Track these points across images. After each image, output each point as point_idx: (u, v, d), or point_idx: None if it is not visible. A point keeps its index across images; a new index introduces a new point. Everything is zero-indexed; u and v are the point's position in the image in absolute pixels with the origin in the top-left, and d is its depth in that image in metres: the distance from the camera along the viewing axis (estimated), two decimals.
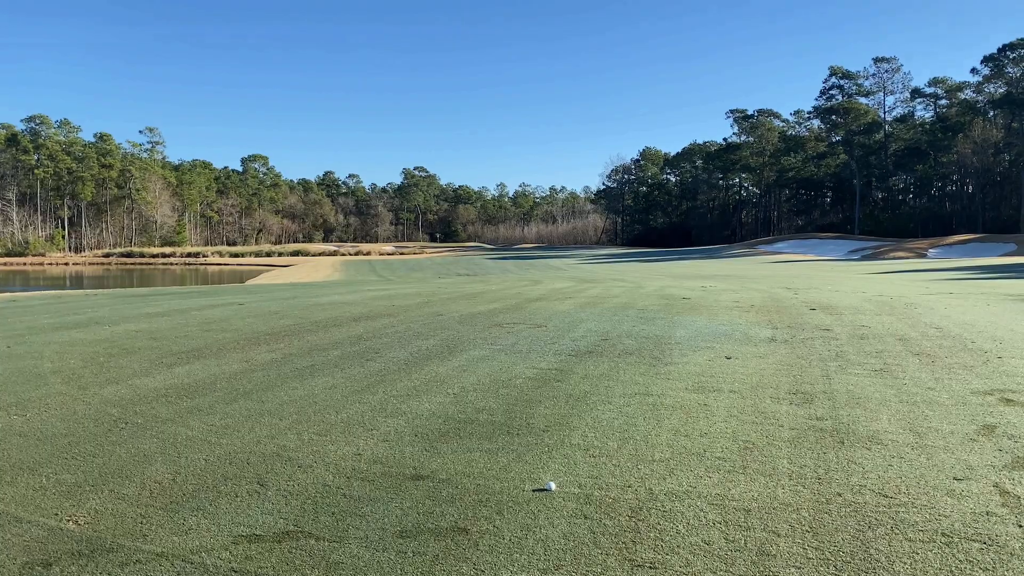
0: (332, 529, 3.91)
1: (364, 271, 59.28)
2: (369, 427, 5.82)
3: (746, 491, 4.40)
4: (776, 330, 11.13)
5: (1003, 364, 8.24)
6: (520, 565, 3.48)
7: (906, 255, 63.44)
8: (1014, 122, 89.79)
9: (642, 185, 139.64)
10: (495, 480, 4.62)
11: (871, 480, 4.56)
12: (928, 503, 4.20)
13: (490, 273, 44.92)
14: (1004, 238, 70.62)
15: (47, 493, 4.46)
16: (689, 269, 46.51)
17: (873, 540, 3.72)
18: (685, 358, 8.75)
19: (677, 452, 5.14)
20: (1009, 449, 5.18)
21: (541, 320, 12.56)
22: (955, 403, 6.47)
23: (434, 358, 8.80)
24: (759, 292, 19.13)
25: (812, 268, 45.83)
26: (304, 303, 16.10)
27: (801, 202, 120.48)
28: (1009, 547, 3.63)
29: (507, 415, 6.15)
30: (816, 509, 4.12)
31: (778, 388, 7.09)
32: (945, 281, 26.31)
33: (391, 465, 4.91)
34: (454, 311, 14.21)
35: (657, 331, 11.09)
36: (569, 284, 24.34)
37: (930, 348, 9.35)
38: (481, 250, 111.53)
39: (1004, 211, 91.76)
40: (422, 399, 6.72)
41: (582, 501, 4.26)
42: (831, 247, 76.85)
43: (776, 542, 3.70)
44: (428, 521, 4.00)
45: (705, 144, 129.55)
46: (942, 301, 16.02)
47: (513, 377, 7.66)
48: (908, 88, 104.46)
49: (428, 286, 23.99)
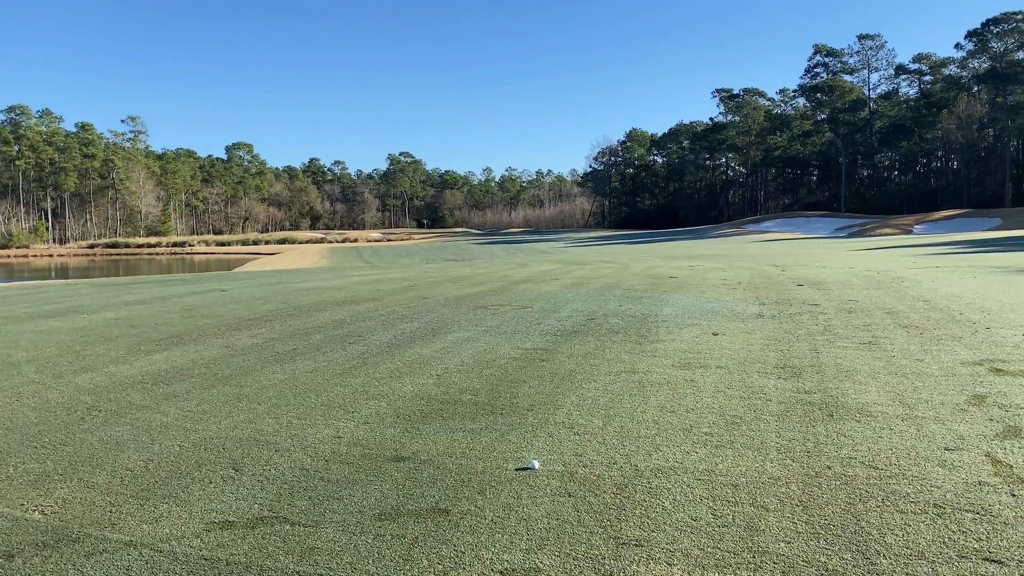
0: (308, 513, 3.78)
1: (351, 258, 58.97)
2: (350, 410, 5.69)
3: (734, 466, 4.30)
4: (764, 306, 11.05)
5: (991, 334, 8.18)
6: (502, 545, 3.37)
7: (892, 231, 63.64)
8: (998, 97, 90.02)
9: (629, 167, 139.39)
10: (477, 460, 4.50)
11: (861, 453, 4.47)
12: (919, 474, 4.11)
13: (477, 258, 44.76)
14: (989, 213, 70.93)
15: (13, 483, 4.31)
16: (676, 250, 46.48)
17: (864, 513, 3.62)
18: (672, 335, 8.65)
19: (663, 428, 5.04)
20: (1000, 418, 5.10)
21: (527, 301, 12.43)
22: (944, 374, 6.40)
23: (418, 340, 8.67)
24: (746, 270, 19.07)
25: (799, 246, 45.89)
26: (288, 289, 15.91)
27: (787, 181, 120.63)
28: (1002, 516, 3.55)
29: (491, 395, 6.03)
30: (805, 483, 4.02)
31: (766, 363, 7.00)
32: (932, 256, 26.35)
33: (371, 447, 4.79)
34: (439, 294, 14.07)
35: (644, 310, 10.98)
36: (556, 266, 24.23)
37: (918, 320, 9.29)
38: (469, 235, 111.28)
39: (989, 186, 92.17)
40: (405, 381, 6.59)
41: (566, 479, 4.15)
42: (818, 225, 77.01)
43: (765, 517, 3.61)
44: (408, 503, 3.88)
45: (691, 124, 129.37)
46: (929, 275, 16.00)
47: (497, 357, 7.54)
48: (892, 65, 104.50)
49: (414, 271, 23.84)
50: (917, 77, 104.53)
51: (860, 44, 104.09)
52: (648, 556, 3.23)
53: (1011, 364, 6.71)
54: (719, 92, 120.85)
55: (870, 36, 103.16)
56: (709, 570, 3.10)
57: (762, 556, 3.20)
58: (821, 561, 3.15)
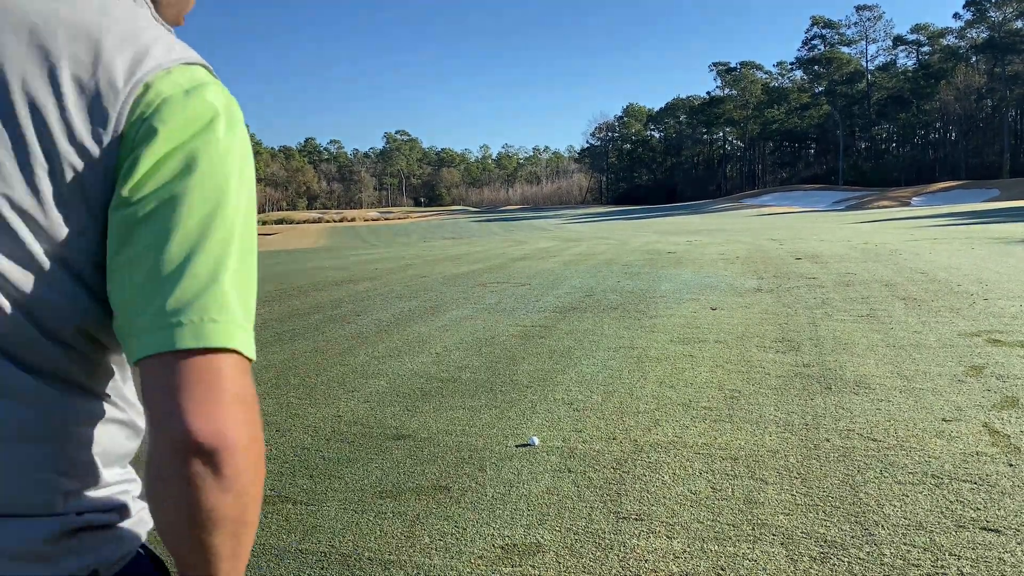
0: (310, 492, 3.80)
1: (349, 237, 58.89)
2: (350, 389, 5.71)
3: (732, 440, 4.32)
4: (762, 280, 11.05)
5: (989, 305, 8.19)
6: (503, 521, 3.39)
7: (890, 204, 63.56)
8: (997, 67, 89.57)
9: (626, 142, 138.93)
10: (477, 437, 4.52)
11: (859, 425, 4.49)
12: (917, 445, 4.13)
13: (475, 235, 44.69)
14: (987, 184, 70.83)
15: None
16: (675, 225, 46.43)
17: (862, 484, 3.64)
18: (670, 311, 8.66)
19: (662, 403, 5.06)
20: (997, 389, 5.12)
21: (525, 278, 12.43)
22: (942, 345, 6.41)
23: (416, 319, 8.67)
24: (745, 244, 19.07)
25: (797, 220, 45.85)
26: (286, 269, 15.89)
27: (785, 154, 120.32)
28: (1000, 486, 3.57)
29: (490, 373, 6.04)
30: (804, 455, 4.04)
31: (764, 337, 7.02)
32: (929, 228, 26.34)
33: (371, 426, 4.80)
34: (438, 273, 14.06)
35: (642, 285, 10.99)
36: (553, 243, 24.22)
37: (916, 292, 9.30)
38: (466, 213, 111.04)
39: (987, 157, 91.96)
40: (404, 359, 6.60)
41: (566, 455, 4.16)
42: (816, 198, 76.88)
43: (764, 489, 3.63)
44: (408, 481, 3.89)
45: (688, 99, 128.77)
46: (927, 247, 16.01)
47: (496, 335, 7.54)
48: (890, 36, 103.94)
49: (413, 249, 23.82)
50: (915, 48, 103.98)
51: (858, 15, 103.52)
52: (648, 530, 3.25)
53: (1008, 335, 6.73)
54: (716, 66, 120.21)
55: (868, 7, 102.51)
56: (709, 543, 3.12)
57: (761, 528, 3.23)
58: (820, 532, 3.17)
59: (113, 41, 0.73)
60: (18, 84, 0.70)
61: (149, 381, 0.70)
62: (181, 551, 0.72)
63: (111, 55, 0.72)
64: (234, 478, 0.70)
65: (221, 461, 0.69)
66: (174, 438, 0.68)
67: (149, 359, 0.69)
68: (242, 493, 0.71)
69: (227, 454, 0.69)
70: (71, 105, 0.70)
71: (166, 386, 0.68)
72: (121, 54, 0.73)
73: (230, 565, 0.73)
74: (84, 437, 0.78)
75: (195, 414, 0.67)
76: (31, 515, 0.74)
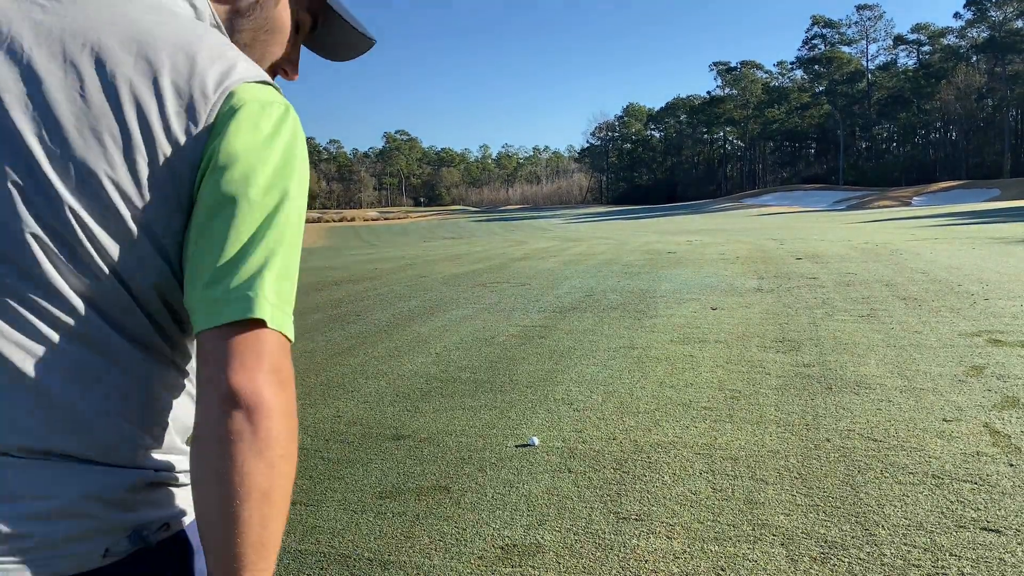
0: (309, 493, 3.80)
1: (349, 237, 58.88)
2: (349, 389, 5.70)
3: (733, 440, 4.32)
4: (762, 280, 11.05)
5: (990, 305, 8.19)
6: (503, 521, 3.38)
7: (891, 204, 63.54)
8: (997, 66, 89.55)
9: (626, 142, 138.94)
10: (477, 437, 4.51)
11: (860, 425, 4.48)
12: (918, 446, 4.13)
13: (475, 235, 44.66)
14: (988, 184, 70.79)
15: None
16: (675, 225, 46.42)
17: (863, 484, 3.64)
18: (670, 310, 8.66)
19: (663, 403, 5.05)
20: (998, 389, 5.11)
21: (525, 278, 12.43)
22: (943, 345, 6.41)
23: (416, 319, 8.67)
24: (745, 244, 19.07)
25: (798, 219, 45.84)
26: None
27: (786, 154, 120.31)
28: (1000, 486, 3.56)
29: (490, 373, 6.04)
30: (804, 455, 4.04)
31: (764, 336, 7.01)
32: (930, 228, 26.33)
33: (371, 426, 4.80)
34: (437, 272, 14.05)
35: (642, 285, 10.98)
36: (554, 243, 24.21)
37: (916, 292, 9.30)
38: (466, 213, 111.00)
39: (988, 157, 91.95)
40: (404, 359, 6.60)
41: (566, 455, 4.16)
42: (816, 198, 76.86)
43: (764, 490, 3.62)
44: (408, 481, 3.89)
45: (689, 98, 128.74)
46: (927, 247, 16.00)
47: (496, 335, 7.54)
48: (891, 35, 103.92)
49: (413, 249, 23.82)
50: (915, 47, 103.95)
51: (858, 14, 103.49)
52: (648, 530, 3.25)
53: (1009, 335, 6.72)
54: (716, 65, 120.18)
55: (868, 6, 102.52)
56: (709, 543, 3.11)
57: (761, 529, 3.22)
58: (820, 533, 3.16)
59: (206, 56, 0.86)
60: (126, 87, 0.83)
61: (205, 348, 0.80)
62: (211, 520, 0.77)
63: (204, 67, 0.85)
64: (267, 442, 0.77)
65: (256, 421, 0.77)
66: (220, 393, 0.77)
67: (207, 331, 0.80)
68: (273, 463, 0.78)
69: (262, 415, 0.77)
70: (169, 106, 0.83)
71: (218, 351, 0.79)
72: (212, 67, 0.86)
73: (255, 549, 0.77)
74: (164, 402, 0.90)
75: (239, 374, 0.78)
76: (116, 465, 0.85)
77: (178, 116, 0.83)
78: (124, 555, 0.85)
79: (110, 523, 0.84)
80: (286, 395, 0.80)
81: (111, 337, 0.84)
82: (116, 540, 0.84)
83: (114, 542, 0.84)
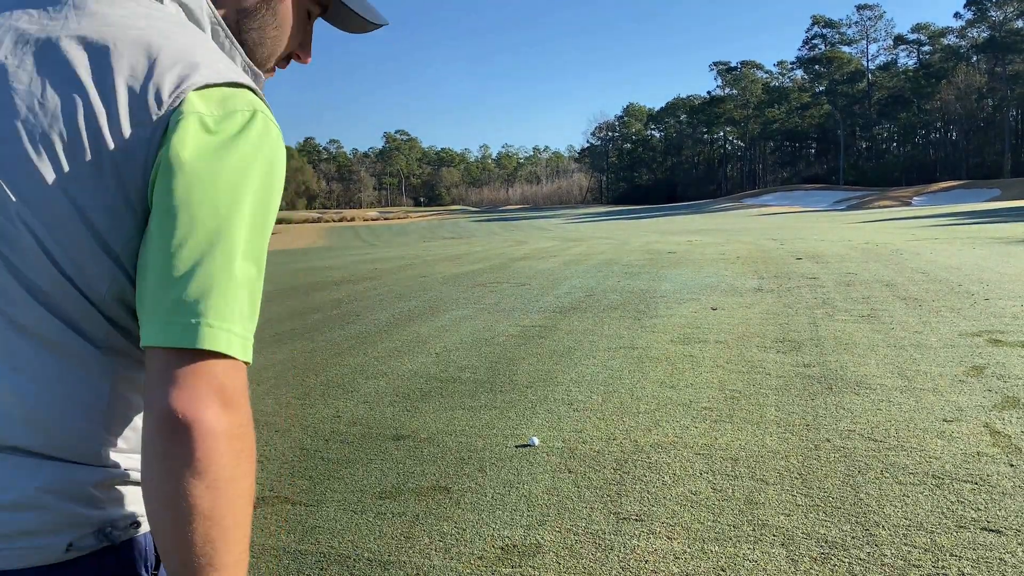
0: (309, 493, 3.79)
1: (348, 237, 58.89)
2: (349, 389, 5.70)
3: (733, 440, 4.31)
4: (762, 280, 11.05)
5: (990, 305, 8.18)
6: (503, 522, 3.38)
7: (891, 204, 63.53)
8: (997, 66, 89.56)
9: (626, 142, 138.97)
10: (477, 438, 4.51)
11: (860, 425, 4.48)
12: (918, 446, 4.12)
13: (475, 235, 44.66)
14: (988, 184, 70.77)
15: None
16: (675, 225, 46.42)
17: (863, 484, 3.63)
18: (670, 311, 8.65)
19: (663, 404, 5.05)
20: (998, 389, 5.11)
21: (525, 278, 12.43)
22: (943, 346, 6.40)
23: (416, 319, 8.66)
24: (745, 244, 19.07)
25: (798, 219, 45.83)
26: (285, 269, 15.89)
27: (786, 154, 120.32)
28: (1000, 486, 3.56)
29: (490, 373, 6.03)
30: (805, 456, 4.03)
31: (765, 337, 7.01)
32: (930, 228, 26.33)
33: (371, 426, 4.79)
34: (437, 272, 14.05)
35: (642, 285, 10.98)
36: (554, 243, 24.21)
37: (917, 292, 9.29)
38: (466, 213, 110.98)
39: (988, 157, 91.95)
40: (403, 359, 6.59)
41: (566, 455, 4.16)
42: (816, 198, 76.84)
43: (764, 490, 3.62)
44: (408, 481, 3.89)
45: (689, 98, 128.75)
46: (927, 247, 16.00)
47: (496, 335, 7.54)
48: (891, 35, 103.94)
49: (412, 249, 23.82)
50: (916, 47, 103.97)
51: (859, 14, 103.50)
52: (648, 531, 3.25)
53: (1009, 335, 6.72)
54: (716, 65, 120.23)
55: (869, 6, 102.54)
56: (709, 543, 3.11)
57: (762, 529, 3.22)
58: (820, 533, 3.16)
59: (168, 58, 0.84)
60: (79, 93, 0.82)
61: (149, 366, 0.79)
62: (162, 545, 0.78)
63: (163, 69, 0.84)
64: (207, 463, 0.76)
65: (193, 443, 0.75)
66: (157, 414, 0.76)
67: (151, 348, 0.78)
68: (215, 484, 0.76)
69: (199, 436, 0.75)
70: (121, 111, 0.82)
71: (159, 374, 0.77)
72: (172, 69, 0.84)
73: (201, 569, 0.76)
74: (129, 403, 0.89)
75: (177, 398, 0.76)
76: (79, 462, 0.85)
77: (129, 121, 0.82)
78: (90, 550, 0.85)
79: (73, 518, 0.84)
80: (231, 416, 0.78)
81: (71, 340, 0.84)
82: (81, 535, 0.85)
83: (79, 537, 0.84)
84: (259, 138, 0.85)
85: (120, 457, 0.89)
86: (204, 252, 0.78)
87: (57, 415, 0.84)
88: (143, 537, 0.91)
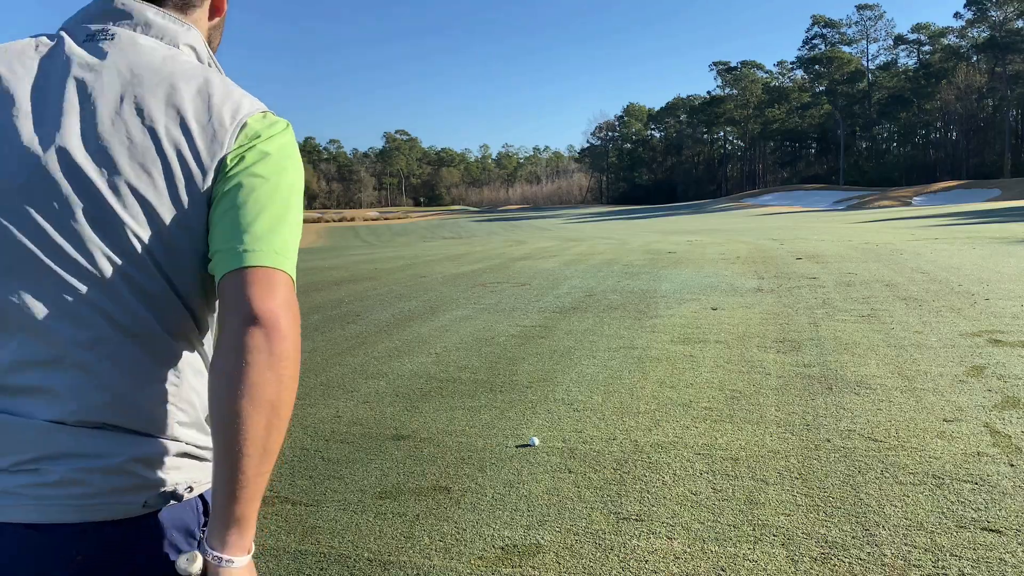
0: (309, 493, 3.79)
1: (348, 237, 58.88)
2: (349, 389, 5.70)
3: (733, 440, 4.31)
4: (762, 280, 11.05)
5: (990, 305, 8.18)
6: (503, 522, 3.38)
7: (891, 204, 63.53)
8: (997, 66, 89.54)
9: (626, 142, 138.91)
10: (477, 438, 4.51)
11: (860, 425, 4.48)
12: (918, 446, 4.12)
13: (475, 235, 44.67)
14: (988, 184, 70.75)
15: None
16: (675, 225, 46.41)
17: (863, 484, 3.64)
18: (670, 311, 8.65)
19: (663, 404, 5.05)
20: (998, 389, 5.11)
21: (525, 279, 12.43)
22: (943, 346, 6.40)
23: (416, 319, 8.66)
24: (745, 244, 19.06)
25: (798, 219, 45.83)
26: None
27: (786, 154, 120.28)
28: (1001, 486, 3.56)
29: (490, 373, 6.03)
30: (805, 456, 4.03)
31: (765, 337, 7.01)
32: (930, 228, 26.33)
33: (371, 426, 4.79)
34: (438, 272, 14.05)
35: (642, 285, 10.98)
36: (554, 243, 24.21)
37: (917, 292, 9.29)
38: (466, 213, 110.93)
39: (988, 157, 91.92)
40: (404, 360, 6.60)
41: (566, 455, 4.16)
42: (817, 198, 76.84)
43: (765, 490, 3.62)
44: (408, 481, 3.89)
45: (689, 98, 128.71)
46: (928, 247, 16.00)
47: (496, 335, 7.54)
48: (891, 35, 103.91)
49: (412, 249, 23.82)
50: (916, 47, 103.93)
51: (859, 14, 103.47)
52: (648, 531, 3.25)
53: (1009, 335, 6.72)
54: (716, 65, 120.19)
55: (869, 6, 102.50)
56: (709, 543, 3.11)
57: (762, 529, 3.22)
58: (821, 533, 3.16)
59: (218, 98, 1.12)
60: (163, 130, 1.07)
61: (229, 286, 1.00)
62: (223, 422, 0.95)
63: (219, 107, 1.11)
64: (279, 358, 0.96)
65: (273, 340, 0.96)
66: (244, 314, 0.97)
67: (230, 273, 1.00)
68: (282, 379, 0.96)
69: (279, 336, 0.97)
70: (197, 141, 1.07)
71: (241, 286, 0.99)
72: (224, 105, 1.11)
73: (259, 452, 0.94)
74: (193, 383, 1.11)
75: (259, 299, 0.98)
76: (156, 436, 1.06)
77: (205, 148, 1.07)
78: (158, 507, 1.06)
79: (150, 481, 1.05)
80: (296, 327, 1.00)
81: (156, 331, 1.06)
82: (154, 495, 1.05)
83: (152, 497, 1.05)
84: (291, 141, 1.16)
85: (183, 431, 1.09)
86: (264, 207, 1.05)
87: (141, 398, 1.05)
88: (195, 499, 1.10)
